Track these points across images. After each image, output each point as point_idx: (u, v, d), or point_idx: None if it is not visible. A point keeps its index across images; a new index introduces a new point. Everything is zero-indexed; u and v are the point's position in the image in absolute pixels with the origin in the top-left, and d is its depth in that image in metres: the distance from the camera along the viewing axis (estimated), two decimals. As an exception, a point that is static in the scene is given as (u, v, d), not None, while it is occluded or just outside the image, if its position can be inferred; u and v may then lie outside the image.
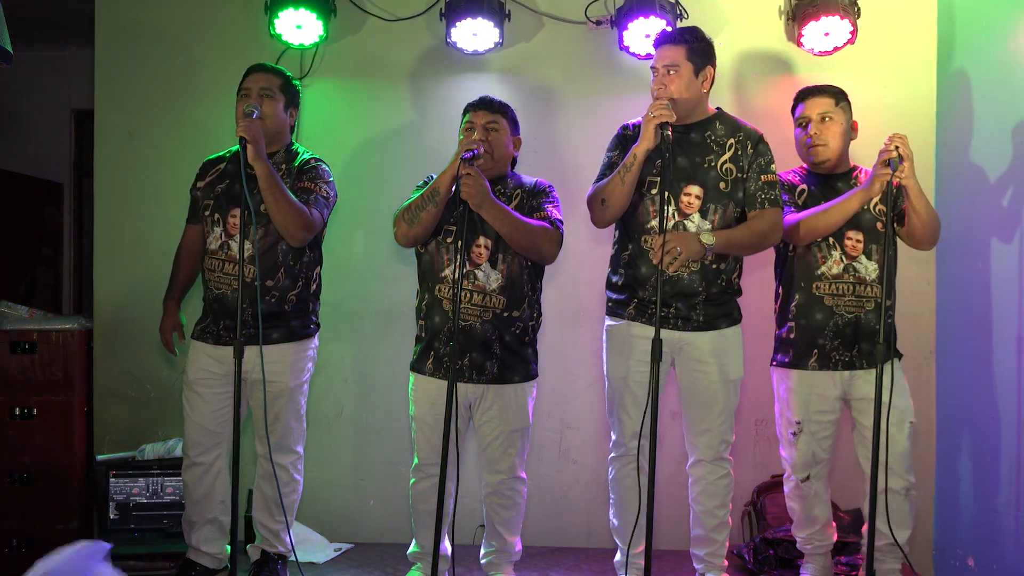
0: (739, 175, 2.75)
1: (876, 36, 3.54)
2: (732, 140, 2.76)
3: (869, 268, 2.81)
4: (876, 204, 2.81)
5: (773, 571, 3.12)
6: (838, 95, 2.89)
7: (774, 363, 2.94)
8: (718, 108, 2.85)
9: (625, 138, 2.83)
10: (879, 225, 2.81)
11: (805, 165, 2.98)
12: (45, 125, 5.23)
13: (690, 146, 2.75)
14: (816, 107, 2.87)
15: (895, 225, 2.82)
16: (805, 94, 2.92)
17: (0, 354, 3.47)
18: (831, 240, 2.82)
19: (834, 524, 2.99)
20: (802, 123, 2.91)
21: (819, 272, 2.83)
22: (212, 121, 3.63)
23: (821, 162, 2.88)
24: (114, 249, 3.75)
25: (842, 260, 2.81)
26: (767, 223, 2.72)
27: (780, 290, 2.95)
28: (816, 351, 2.83)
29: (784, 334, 2.90)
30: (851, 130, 2.92)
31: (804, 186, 2.90)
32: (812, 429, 2.84)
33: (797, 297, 2.85)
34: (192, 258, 3.03)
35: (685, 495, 2.97)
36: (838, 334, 2.80)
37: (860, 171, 2.91)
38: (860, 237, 2.81)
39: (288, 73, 3.00)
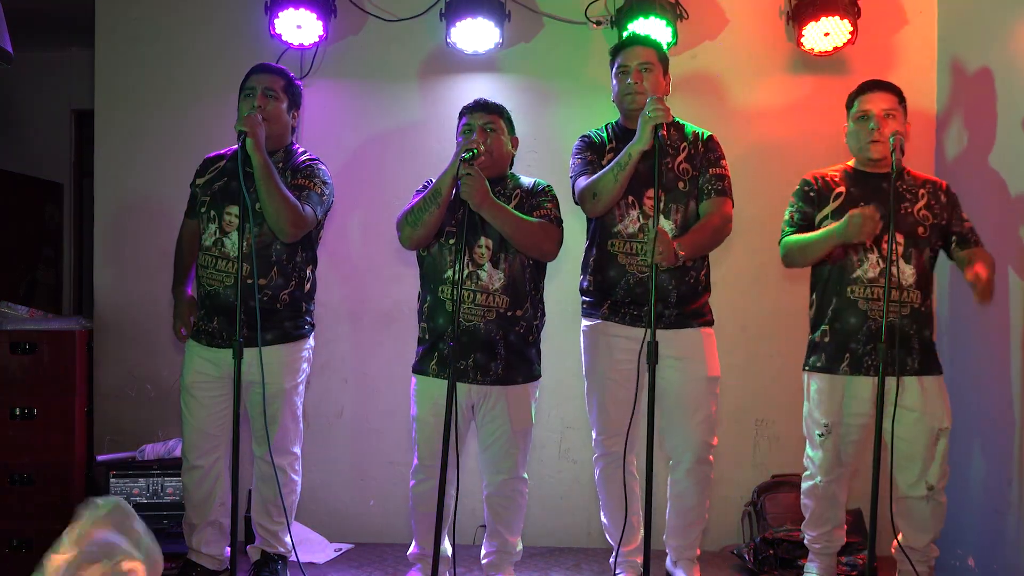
0: (695, 173, 2.82)
1: (876, 36, 3.54)
2: (684, 143, 2.84)
3: (907, 272, 2.73)
4: (920, 209, 2.78)
5: (773, 571, 3.12)
6: (899, 93, 2.81)
7: (807, 367, 2.89)
8: None
9: (591, 145, 2.90)
10: (920, 230, 2.77)
11: (850, 164, 2.90)
12: (45, 125, 5.22)
13: (647, 151, 2.73)
14: (881, 102, 2.77)
15: (951, 247, 2.82)
16: (868, 87, 2.82)
17: (0, 354, 3.47)
18: (868, 243, 2.74)
19: (845, 527, 2.97)
20: (861, 117, 2.80)
21: (854, 276, 2.77)
22: (212, 121, 3.63)
23: (878, 159, 2.79)
24: (114, 249, 3.76)
25: (879, 264, 2.74)
26: (718, 216, 2.79)
27: (814, 295, 2.89)
28: (848, 355, 2.77)
29: (818, 338, 2.85)
30: (905, 132, 2.81)
31: (842, 188, 2.82)
32: (840, 432, 2.82)
33: (834, 301, 2.79)
34: (193, 248, 3.02)
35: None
36: (871, 339, 2.73)
37: (907, 171, 2.83)
38: (900, 240, 2.74)
39: (291, 74, 2.99)
